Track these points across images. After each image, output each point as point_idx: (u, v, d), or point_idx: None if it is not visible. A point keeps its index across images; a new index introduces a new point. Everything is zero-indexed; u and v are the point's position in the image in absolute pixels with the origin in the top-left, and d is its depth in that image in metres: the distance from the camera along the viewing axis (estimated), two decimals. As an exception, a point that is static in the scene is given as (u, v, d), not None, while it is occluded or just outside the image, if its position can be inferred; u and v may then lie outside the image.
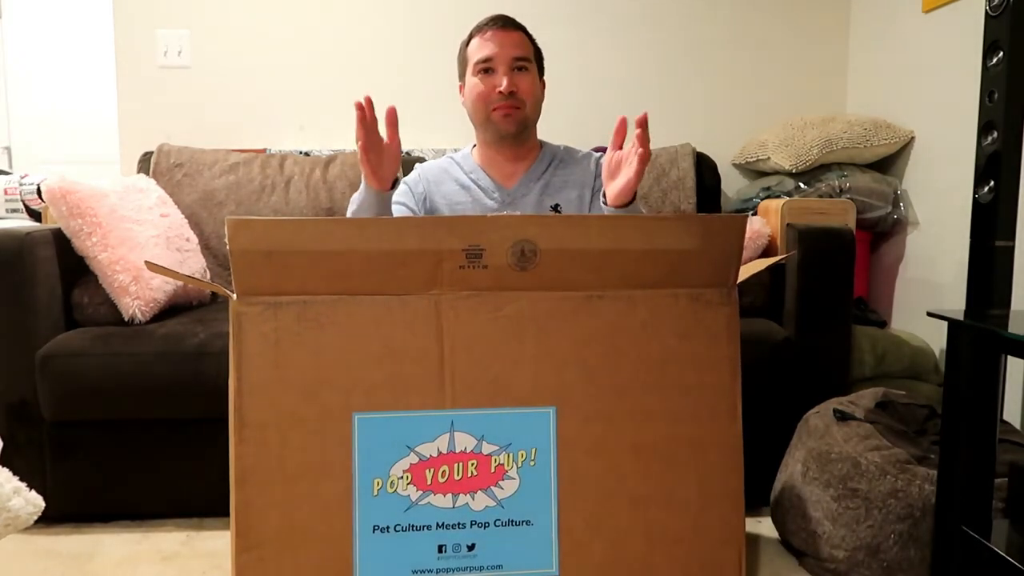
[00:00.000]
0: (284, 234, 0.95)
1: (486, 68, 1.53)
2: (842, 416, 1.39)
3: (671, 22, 2.44)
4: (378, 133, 1.35)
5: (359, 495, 0.97)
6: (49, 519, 1.50)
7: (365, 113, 1.31)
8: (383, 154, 1.36)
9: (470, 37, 1.58)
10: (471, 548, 0.98)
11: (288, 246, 0.95)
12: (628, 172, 1.33)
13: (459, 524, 0.98)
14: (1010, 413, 1.69)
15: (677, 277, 1.02)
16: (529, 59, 1.56)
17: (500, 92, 1.51)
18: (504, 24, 1.55)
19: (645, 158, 1.31)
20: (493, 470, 0.99)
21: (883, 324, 2.14)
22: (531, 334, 1.01)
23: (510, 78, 1.51)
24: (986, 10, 1.13)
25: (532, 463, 0.99)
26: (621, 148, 1.38)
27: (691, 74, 2.46)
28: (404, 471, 0.98)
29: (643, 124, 1.29)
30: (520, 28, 1.57)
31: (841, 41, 2.47)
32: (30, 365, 1.53)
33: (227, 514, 0.96)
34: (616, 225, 1.01)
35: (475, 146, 1.66)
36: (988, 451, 1.07)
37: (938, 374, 1.95)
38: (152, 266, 1.01)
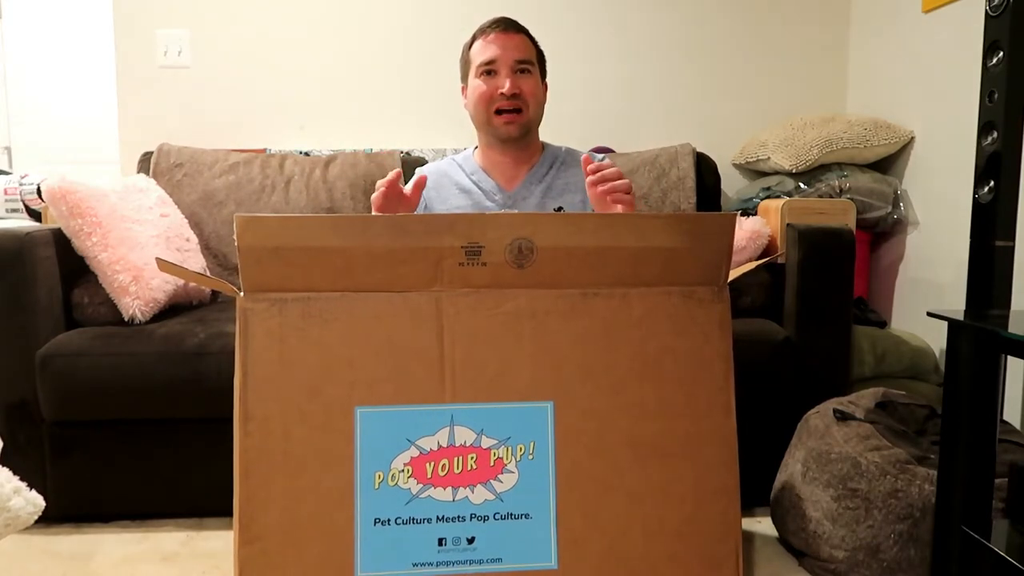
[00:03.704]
0: (290, 230, 0.97)
1: (489, 70, 1.53)
2: (842, 416, 1.39)
3: (672, 23, 2.44)
4: (400, 188, 1.40)
5: (360, 488, 0.98)
6: (49, 519, 1.50)
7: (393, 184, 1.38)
8: (399, 206, 1.41)
9: (473, 39, 1.58)
10: (471, 541, 0.99)
11: (294, 242, 0.97)
12: (620, 208, 1.38)
13: (459, 517, 0.99)
14: (1010, 413, 1.69)
15: (669, 275, 1.04)
16: (532, 62, 1.56)
17: (503, 93, 1.51)
18: (507, 27, 1.55)
19: (630, 201, 1.38)
20: (492, 464, 1.00)
21: (883, 324, 2.14)
22: (529, 331, 1.02)
23: (513, 80, 1.52)
24: (986, 10, 1.13)
25: (531, 457, 1.01)
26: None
27: (691, 74, 2.46)
28: (405, 464, 0.99)
29: (614, 176, 1.36)
30: (523, 31, 1.57)
31: (841, 41, 2.47)
32: (30, 365, 1.53)
33: (227, 514, 0.97)
34: (610, 223, 1.04)
35: (477, 147, 1.66)
36: (988, 451, 1.07)
37: (938, 374, 1.95)
38: (163, 264, 1.02)
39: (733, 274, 1.08)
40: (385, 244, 0.99)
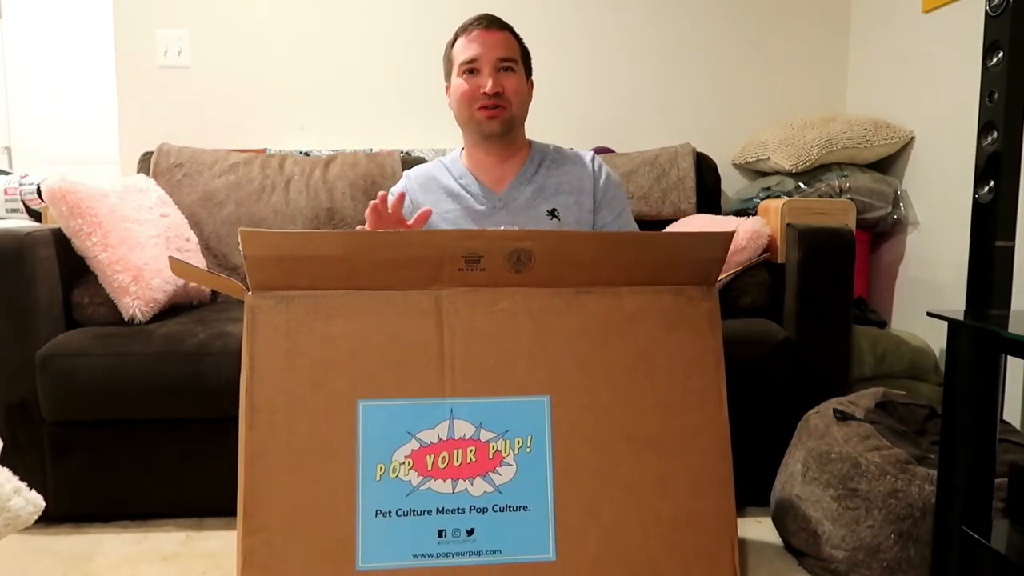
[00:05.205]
0: (294, 244, 1.00)
1: (471, 69, 1.52)
2: (842, 416, 1.39)
3: (672, 23, 2.44)
4: (394, 210, 1.35)
5: (362, 480, 1.00)
6: (49, 519, 1.50)
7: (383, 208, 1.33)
8: (388, 223, 1.37)
9: (455, 37, 1.56)
10: (470, 533, 1.00)
11: (298, 252, 1.00)
12: None
13: (459, 509, 1.01)
14: (1010, 413, 1.69)
15: (661, 277, 1.08)
16: (515, 59, 1.54)
17: (484, 93, 1.50)
18: (489, 24, 1.53)
19: None
20: (491, 456, 1.02)
21: (883, 324, 2.14)
22: (526, 327, 1.05)
23: (495, 78, 1.50)
24: (986, 10, 1.13)
25: (528, 450, 1.02)
26: None
27: (691, 74, 2.46)
28: (406, 457, 1.01)
29: None
30: (506, 28, 1.55)
31: (841, 41, 2.47)
32: (30, 365, 1.53)
33: (227, 514, 0.97)
34: (611, 244, 1.07)
35: (463, 148, 1.65)
36: (988, 451, 1.07)
37: (938, 374, 1.95)
38: (175, 264, 1.04)
39: (723, 277, 1.11)
40: (388, 256, 1.01)
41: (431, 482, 1.01)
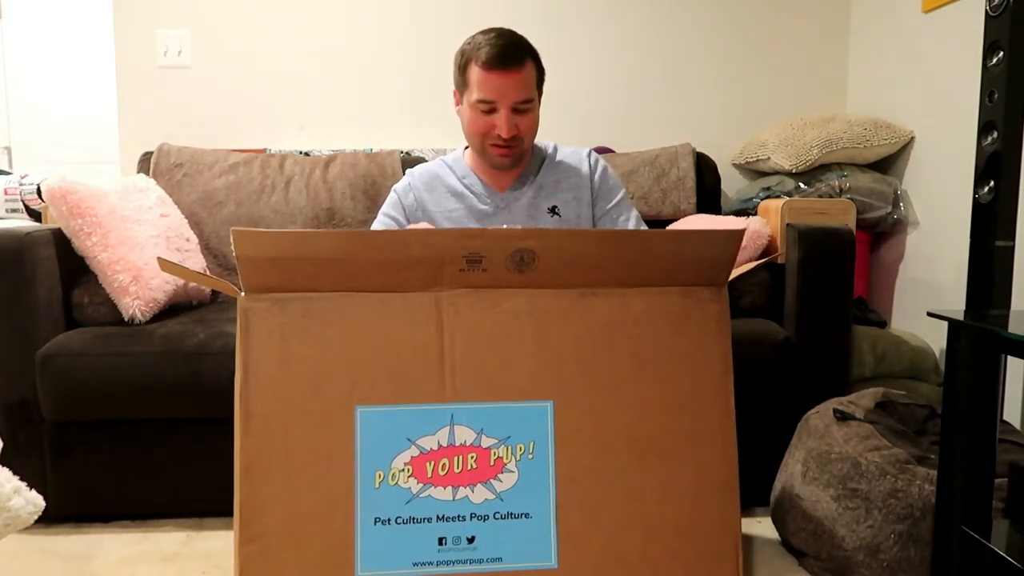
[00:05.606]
0: (289, 244, 0.97)
1: (488, 109, 1.48)
2: (842, 416, 1.39)
3: (672, 23, 2.44)
4: None
5: (361, 487, 0.98)
6: (49, 519, 1.50)
7: None
8: None
9: (470, 59, 1.47)
10: (471, 541, 0.99)
11: (294, 254, 0.97)
12: None
13: (459, 517, 0.99)
14: (1010, 413, 1.69)
15: (669, 277, 1.05)
16: (532, 97, 1.50)
17: (500, 136, 1.48)
18: (509, 63, 1.44)
19: None
20: (492, 463, 1.00)
21: (883, 324, 2.14)
22: (528, 329, 1.03)
23: (511, 122, 1.47)
24: (986, 10, 1.13)
25: (530, 456, 1.01)
26: None
27: (691, 74, 2.46)
28: (405, 464, 0.99)
29: None
30: (525, 59, 1.47)
31: (841, 41, 2.46)
32: (30, 365, 1.53)
33: (227, 514, 0.97)
34: (616, 242, 1.05)
35: (467, 147, 1.65)
36: (988, 451, 1.07)
37: (938, 374, 1.95)
38: (164, 264, 1.02)
39: (731, 275, 1.09)
40: (387, 256, 0.99)
41: (431, 489, 0.99)
